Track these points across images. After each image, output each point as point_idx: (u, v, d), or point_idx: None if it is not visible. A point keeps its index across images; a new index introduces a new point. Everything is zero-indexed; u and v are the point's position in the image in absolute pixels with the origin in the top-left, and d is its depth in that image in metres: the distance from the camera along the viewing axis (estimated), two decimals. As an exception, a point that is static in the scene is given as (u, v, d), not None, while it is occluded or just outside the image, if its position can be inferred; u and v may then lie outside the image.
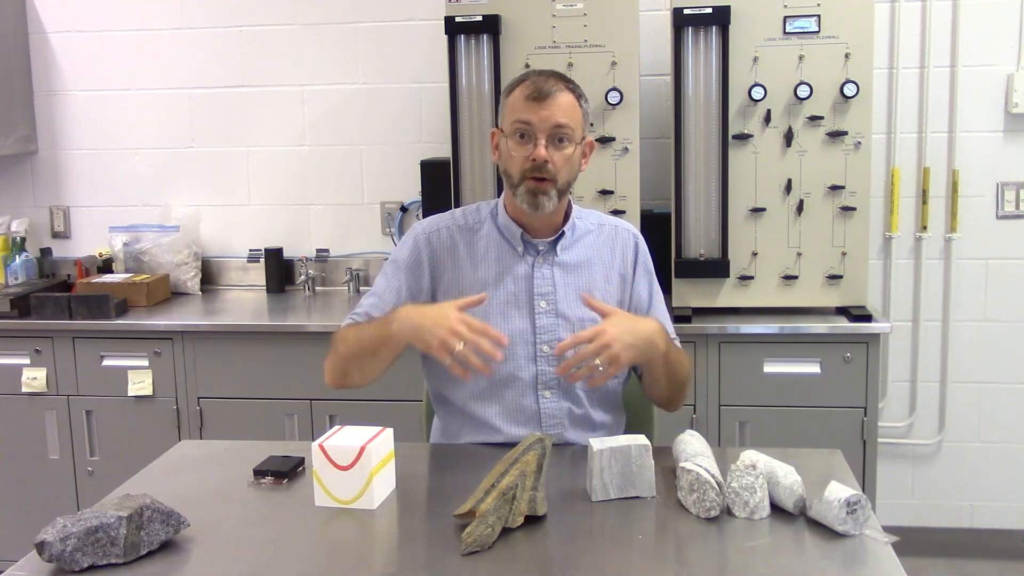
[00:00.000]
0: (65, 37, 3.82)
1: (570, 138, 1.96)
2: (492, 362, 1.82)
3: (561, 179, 1.97)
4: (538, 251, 2.06)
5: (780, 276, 3.06)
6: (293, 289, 3.75)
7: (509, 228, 2.06)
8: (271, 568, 1.54)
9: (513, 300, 2.04)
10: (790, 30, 2.96)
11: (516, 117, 1.96)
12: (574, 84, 2.02)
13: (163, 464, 2.01)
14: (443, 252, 2.08)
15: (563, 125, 1.95)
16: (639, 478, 1.74)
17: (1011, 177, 3.43)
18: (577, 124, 1.98)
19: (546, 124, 1.94)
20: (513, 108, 1.98)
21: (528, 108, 1.95)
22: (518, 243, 2.06)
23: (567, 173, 1.98)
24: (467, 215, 2.13)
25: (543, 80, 1.97)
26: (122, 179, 3.86)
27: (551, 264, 2.06)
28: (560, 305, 2.04)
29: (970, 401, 3.54)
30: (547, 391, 2.03)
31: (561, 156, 1.95)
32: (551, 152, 1.94)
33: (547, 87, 1.95)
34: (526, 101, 1.95)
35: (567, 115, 1.95)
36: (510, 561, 1.53)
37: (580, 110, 1.99)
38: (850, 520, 1.57)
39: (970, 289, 3.49)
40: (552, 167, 1.94)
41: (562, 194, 2.00)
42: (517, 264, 2.06)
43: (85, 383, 3.31)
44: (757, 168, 3.02)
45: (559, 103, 1.95)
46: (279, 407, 3.23)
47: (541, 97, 1.94)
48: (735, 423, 3.04)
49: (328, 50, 3.69)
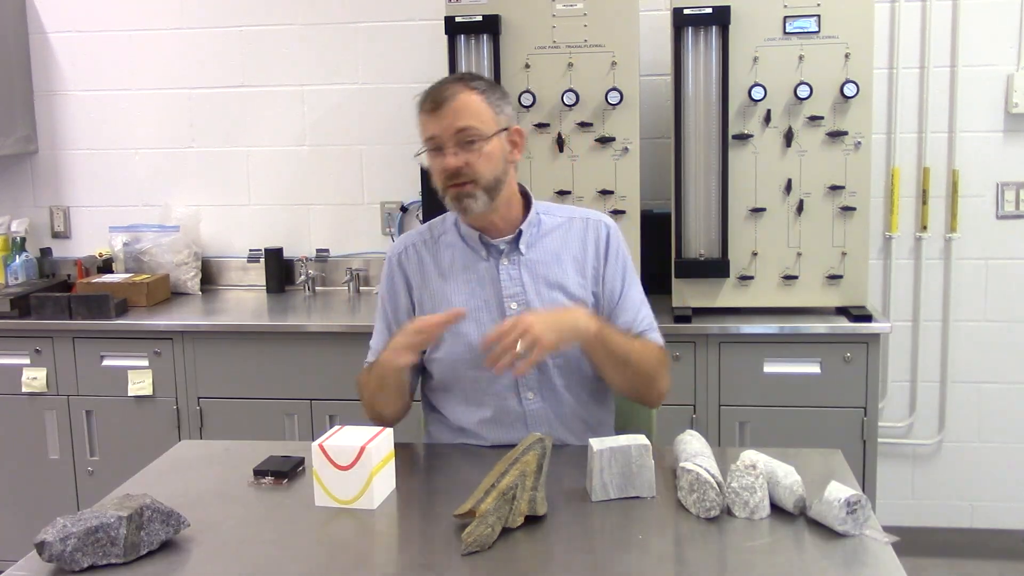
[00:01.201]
0: (65, 37, 3.82)
1: (479, 135, 1.93)
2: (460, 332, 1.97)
3: (483, 178, 1.94)
4: (500, 251, 2.05)
5: (780, 276, 3.06)
6: (293, 289, 3.75)
7: (469, 233, 2.06)
8: (271, 568, 1.54)
9: (484, 305, 2.03)
10: (790, 30, 2.96)
11: (424, 134, 1.97)
12: (476, 80, 1.99)
13: (163, 464, 2.01)
14: (413, 270, 2.09)
15: (465, 128, 1.93)
16: (639, 478, 1.74)
17: (1011, 177, 3.43)
18: (484, 121, 1.94)
19: (448, 132, 1.93)
20: (420, 125, 1.98)
21: (429, 121, 1.95)
22: (479, 246, 2.05)
23: (489, 170, 1.95)
24: (432, 228, 2.14)
25: (438, 88, 1.96)
26: (122, 179, 3.86)
27: (517, 264, 2.05)
28: (532, 304, 2.02)
29: (970, 401, 3.54)
30: (529, 392, 2.03)
31: (475, 156, 1.93)
32: (462, 156, 1.93)
33: (442, 94, 1.94)
34: (426, 115, 1.96)
35: (469, 115, 1.93)
36: (510, 561, 1.53)
37: (486, 104, 1.96)
38: (850, 520, 1.57)
39: (970, 289, 3.49)
40: (469, 170, 1.93)
41: (491, 190, 1.97)
42: (483, 268, 2.05)
43: (85, 383, 3.31)
44: (757, 168, 3.02)
45: (456, 107, 1.93)
46: (279, 407, 3.23)
47: (437, 106, 1.93)
48: (735, 423, 3.04)
49: (328, 50, 3.69)
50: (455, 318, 1.90)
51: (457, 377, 2.04)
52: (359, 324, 3.21)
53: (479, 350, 1.93)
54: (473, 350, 1.99)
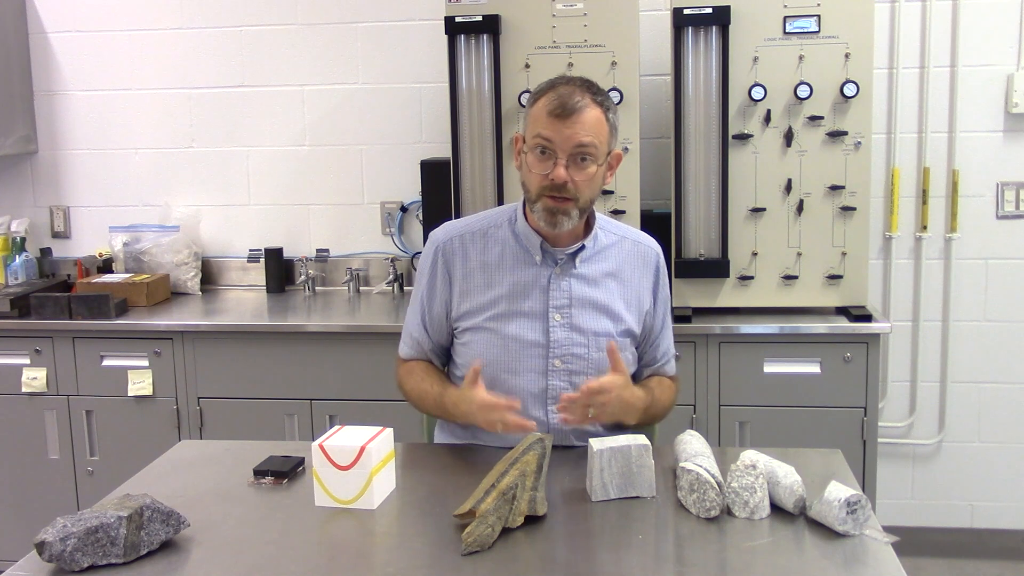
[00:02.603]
0: (65, 37, 3.82)
1: (594, 158, 1.88)
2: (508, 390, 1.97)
3: (583, 199, 1.90)
4: (556, 262, 2.00)
5: (780, 276, 3.06)
6: (293, 289, 3.75)
7: (528, 236, 2.00)
8: (271, 568, 1.54)
9: (528, 311, 2.00)
10: (790, 30, 2.96)
11: (537, 132, 1.87)
12: (602, 96, 1.92)
13: (163, 464, 2.01)
14: (457, 262, 2.04)
15: (586, 145, 1.86)
16: (639, 478, 1.74)
17: (1011, 177, 3.43)
18: (602, 141, 1.89)
19: (568, 144, 1.85)
20: (535, 121, 1.89)
21: (550, 124, 1.86)
22: (537, 252, 2.00)
23: (589, 192, 1.91)
24: (483, 220, 2.09)
25: (568, 93, 1.87)
26: (122, 179, 3.86)
27: (569, 276, 2.01)
28: (575, 319, 1.99)
29: (970, 401, 3.54)
30: (556, 404, 1.98)
31: (583, 176, 1.88)
32: (572, 172, 1.87)
33: (572, 102, 1.85)
34: (549, 117, 1.86)
35: (591, 133, 1.86)
36: (510, 561, 1.53)
37: (607, 125, 1.90)
38: (850, 520, 1.57)
39: (970, 289, 3.49)
40: (572, 187, 1.87)
41: (583, 212, 1.94)
42: (534, 273, 2.00)
43: (85, 383, 3.31)
44: (757, 168, 3.02)
45: (583, 120, 1.85)
46: (279, 407, 3.23)
47: (565, 114, 1.84)
48: (735, 423, 3.04)
49: (328, 50, 3.69)
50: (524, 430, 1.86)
51: (486, 377, 1.96)
52: (359, 324, 3.21)
53: (558, 406, 1.92)
54: (510, 353, 1.99)
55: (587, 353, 1.99)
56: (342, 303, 3.55)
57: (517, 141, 1.97)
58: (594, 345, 1.99)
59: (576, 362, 2.00)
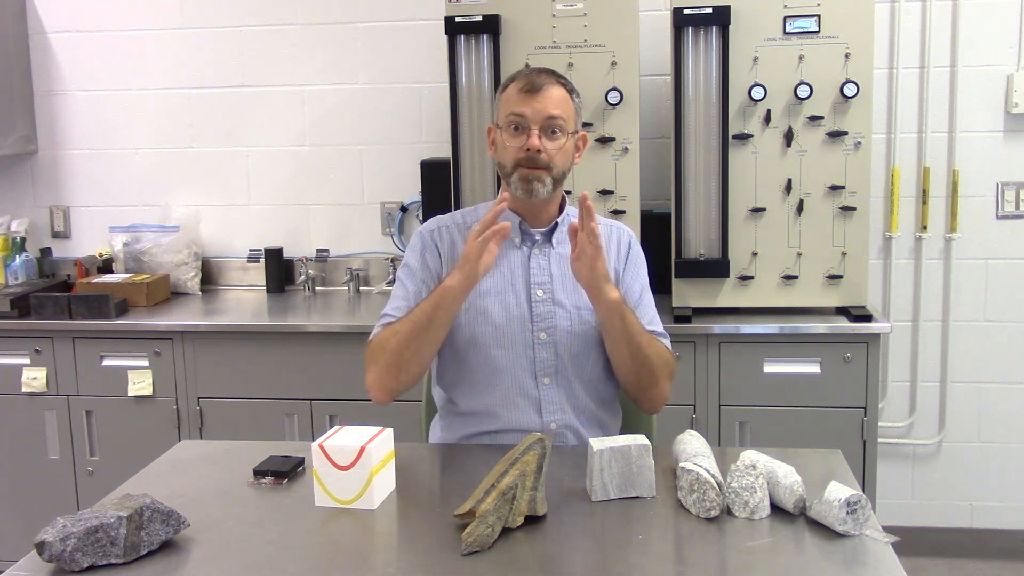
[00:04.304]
0: (65, 37, 3.82)
1: (563, 129, 2.03)
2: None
3: (555, 167, 2.03)
4: (534, 240, 2.11)
5: (780, 276, 3.06)
6: (293, 289, 3.75)
7: (508, 217, 2.09)
8: (271, 568, 1.54)
9: (511, 288, 2.08)
10: (790, 30, 2.96)
11: (510, 110, 2.03)
12: (566, 80, 2.10)
13: (163, 464, 2.01)
14: (445, 248, 2.13)
15: (556, 116, 2.01)
16: (639, 478, 1.74)
17: (1011, 177, 3.43)
18: (569, 116, 2.04)
19: (539, 116, 2.00)
20: (507, 102, 2.05)
21: (521, 100, 2.02)
22: (515, 232, 2.10)
23: (561, 162, 2.04)
24: (466, 215, 2.19)
25: (536, 75, 2.06)
26: (122, 179, 3.86)
27: (547, 254, 2.11)
28: (557, 293, 2.09)
29: (970, 401, 3.54)
30: (545, 377, 2.07)
31: (554, 146, 2.02)
32: (544, 142, 2.01)
33: (539, 80, 2.03)
34: (519, 94, 2.03)
35: (559, 107, 2.02)
36: (510, 561, 1.53)
37: (572, 103, 2.06)
38: (850, 520, 1.57)
39: (970, 289, 3.49)
40: (546, 156, 2.01)
41: (557, 183, 2.06)
42: (514, 254, 2.11)
43: (85, 383, 3.31)
44: (757, 168, 3.02)
45: (551, 95, 2.02)
46: (279, 407, 3.23)
47: (534, 89, 2.02)
48: (735, 423, 3.04)
49: (328, 50, 3.69)
50: (499, 212, 1.91)
51: (477, 355, 2.07)
52: (359, 324, 3.21)
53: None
54: (497, 328, 2.05)
55: (570, 326, 2.07)
56: (342, 303, 3.55)
57: (491, 131, 2.11)
58: (576, 317, 2.07)
59: (559, 334, 2.07)
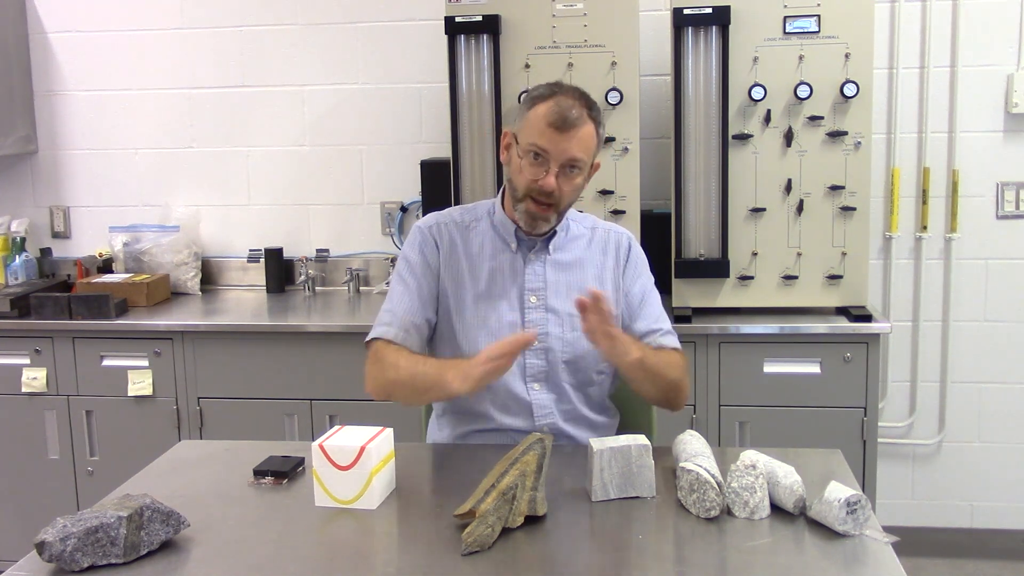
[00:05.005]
0: (65, 37, 3.81)
1: (582, 169, 2.00)
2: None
3: (564, 204, 2.03)
4: (531, 248, 2.11)
5: (780, 276, 3.06)
6: (293, 289, 3.75)
7: (505, 224, 2.11)
8: (271, 568, 1.54)
9: (504, 294, 2.08)
10: (790, 30, 2.96)
11: (534, 140, 1.96)
12: (596, 110, 2.01)
13: (163, 464, 2.01)
14: (444, 245, 2.13)
15: (578, 159, 1.97)
16: (639, 478, 1.74)
17: (1011, 177, 3.43)
18: (590, 155, 2.01)
19: (562, 156, 1.96)
20: (532, 128, 1.97)
21: (548, 136, 1.94)
22: (512, 239, 2.10)
23: (571, 198, 2.04)
24: (464, 213, 2.18)
25: (568, 105, 1.95)
26: (122, 179, 3.86)
27: (543, 261, 2.11)
28: (550, 300, 2.09)
29: (970, 401, 3.54)
30: (536, 383, 2.08)
31: (570, 186, 2.00)
32: (560, 182, 1.98)
33: (571, 116, 1.94)
34: (548, 128, 1.94)
35: (584, 149, 1.97)
36: (510, 561, 1.53)
37: (596, 139, 2.01)
38: (850, 520, 1.57)
39: (970, 289, 3.49)
40: (558, 195, 1.99)
41: (560, 216, 2.07)
42: (510, 259, 2.11)
43: (85, 383, 3.31)
44: (757, 168, 3.02)
45: (579, 136, 1.95)
46: (279, 407, 3.23)
47: (564, 127, 1.94)
48: (735, 423, 3.04)
49: (328, 50, 3.69)
50: (526, 343, 1.88)
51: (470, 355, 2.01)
52: (359, 324, 3.20)
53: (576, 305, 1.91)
54: (490, 332, 2.05)
55: (561, 333, 2.07)
56: (342, 303, 3.55)
57: (506, 136, 2.06)
58: (568, 325, 2.07)
59: (551, 340, 2.07)
